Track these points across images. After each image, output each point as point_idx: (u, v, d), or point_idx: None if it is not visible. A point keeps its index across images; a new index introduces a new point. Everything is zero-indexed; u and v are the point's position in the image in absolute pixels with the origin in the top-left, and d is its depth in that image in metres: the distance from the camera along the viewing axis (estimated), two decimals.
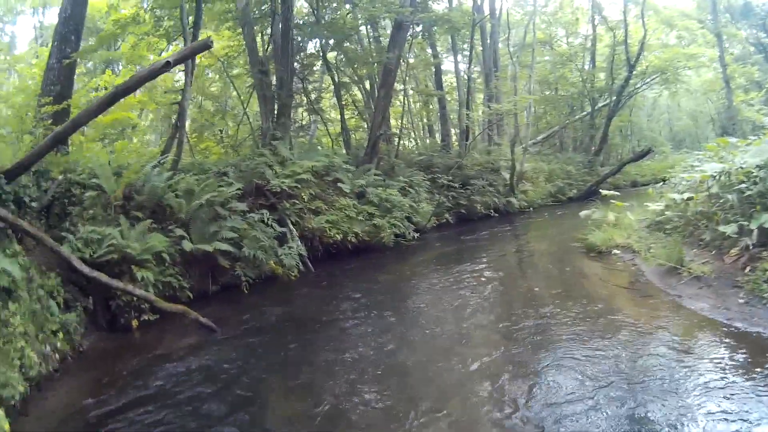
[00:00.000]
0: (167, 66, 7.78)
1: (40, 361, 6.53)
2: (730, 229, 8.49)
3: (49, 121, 10.37)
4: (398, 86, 23.65)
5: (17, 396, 5.69)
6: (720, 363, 5.83)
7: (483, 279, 11.12)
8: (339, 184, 15.56)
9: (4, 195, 7.83)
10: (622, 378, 5.71)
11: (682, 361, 5.99)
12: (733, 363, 5.81)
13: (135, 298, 8.60)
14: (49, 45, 12.73)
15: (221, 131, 21.72)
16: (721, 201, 9.41)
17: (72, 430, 5.60)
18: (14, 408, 5.65)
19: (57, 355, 7.05)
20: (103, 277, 8.07)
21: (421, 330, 8.28)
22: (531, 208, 23.96)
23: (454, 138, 27.66)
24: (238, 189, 12.44)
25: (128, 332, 8.72)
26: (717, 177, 9.79)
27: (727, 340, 6.41)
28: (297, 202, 13.89)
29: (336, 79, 21.80)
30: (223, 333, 8.51)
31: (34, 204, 8.61)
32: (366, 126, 24.16)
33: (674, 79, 32.07)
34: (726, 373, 5.56)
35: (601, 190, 16.95)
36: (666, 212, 11.27)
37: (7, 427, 4.26)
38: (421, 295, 10.40)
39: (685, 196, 10.57)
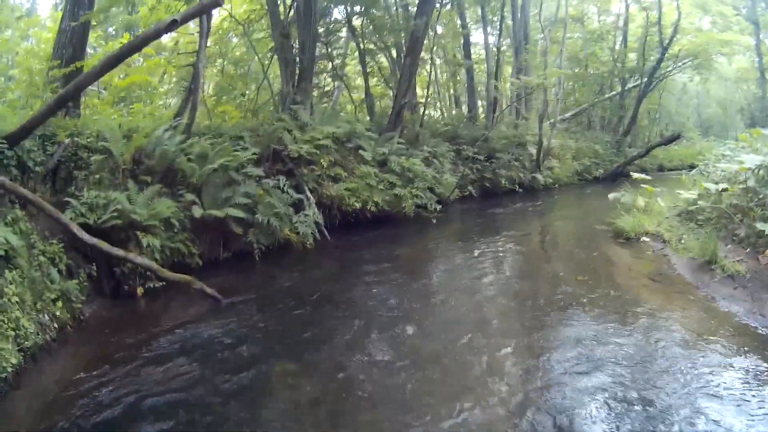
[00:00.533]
0: (174, 24, 7.46)
1: (37, 331, 6.35)
2: None
3: (56, 85, 10.11)
4: (425, 55, 23.07)
5: (9, 368, 5.50)
6: (755, 375, 5.36)
7: (506, 259, 10.78)
8: (360, 152, 15.08)
9: (5, 160, 7.64)
10: (645, 383, 5.30)
11: (714, 369, 5.51)
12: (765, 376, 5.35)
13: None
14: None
15: (243, 95, 21.38)
16: (759, 196, 8.84)
17: (64, 406, 5.34)
18: (6, 381, 5.46)
19: (55, 325, 6.86)
20: (104, 245, 7.82)
21: (437, 313, 7.89)
22: (556, 186, 23.56)
23: (480, 110, 27.07)
24: (254, 154, 12.15)
25: (133, 300, 8.53)
26: (755, 170, 9.20)
27: (762, 350, 5.88)
28: (315, 168, 13.56)
29: (361, 46, 21.27)
30: (229, 303, 8.28)
31: (38, 168, 8.39)
32: (391, 94, 23.47)
33: (707, 65, 31.35)
34: (758, 386, 5.13)
35: (631, 173, 16.43)
36: (699, 202, 10.58)
37: None
38: (440, 273, 10.06)
39: (720, 186, 9.84)
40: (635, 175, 14.15)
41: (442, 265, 10.52)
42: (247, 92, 21.51)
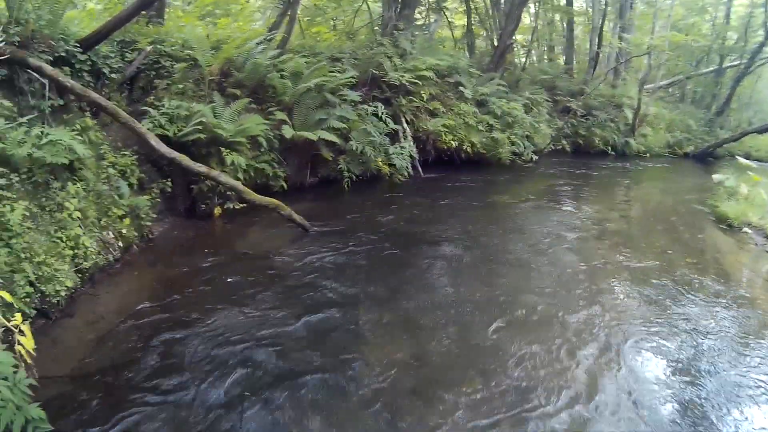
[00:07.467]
0: None
1: (99, 250, 5.63)
2: None
3: None
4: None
5: (63, 292, 4.79)
6: None
7: (609, 224, 9.57)
8: (460, 88, 14.05)
9: (78, 65, 6.84)
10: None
11: None
12: None
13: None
14: None
15: (333, 19, 20.28)
16: None
17: (119, 340, 4.54)
18: (58, 306, 4.77)
19: (120, 243, 6.17)
20: (184, 160, 6.94)
21: (544, 270, 6.77)
22: (647, 155, 21.85)
23: (575, 63, 25.46)
24: (353, 77, 11.17)
25: (208, 220, 7.90)
26: None
27: None
28: (414, 99, 12.57)
29: None
30: (314, 233, 7.51)
31: (114, 75, 7.59)
32: (485, 35, 22.74)
33: None
34: None
35: (737, 157, 15.07)
36: None
37: (31, 345, 3.18)
38: (538, 230, 8.62)
39: None
40: (741, 160, 13.70)
41: (541, 222, 9.17)
42: (342, 15, 20.38)
